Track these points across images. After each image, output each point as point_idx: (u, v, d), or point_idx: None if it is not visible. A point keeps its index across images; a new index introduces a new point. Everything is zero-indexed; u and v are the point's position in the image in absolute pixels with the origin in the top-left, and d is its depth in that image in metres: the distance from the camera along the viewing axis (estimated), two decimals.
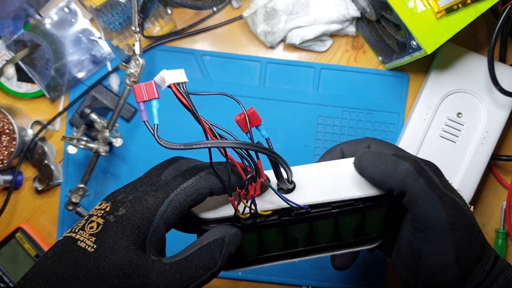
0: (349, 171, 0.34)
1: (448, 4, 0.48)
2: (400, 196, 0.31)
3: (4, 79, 0.60)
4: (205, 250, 0.30)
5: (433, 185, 0.30)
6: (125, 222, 0.28)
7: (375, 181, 0.31)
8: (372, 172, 0.31)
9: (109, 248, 0.28)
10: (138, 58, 0.52)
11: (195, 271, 0.29)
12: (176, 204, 0.29)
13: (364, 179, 0.32)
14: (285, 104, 0.61)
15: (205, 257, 0.30)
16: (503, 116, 0.57)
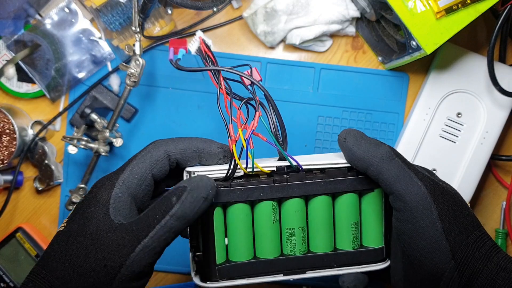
0: (339, 155, 0.35)
1: (448, 4, 0.48)
2: (376, 177, 0.32)
3: (5, 79, 0.60)
4: (161, 199, 0.30)
5: (409, 164, 0.32)
6: (89, 196, 0.32)
7: (355, 156, 0.32)
8: (354, 147, 0.32)
9: (74, 220, 0.31)
10: (139, 58, 0.52)
11: (152, 218, 0.29)
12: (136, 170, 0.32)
13: (345, 154, 0.33)
14: (285, 104, 0.62)
15: (160, 204, 0.30)
16: (503, 116, 0.58)
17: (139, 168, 0.32)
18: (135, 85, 0.54)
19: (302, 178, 0.33)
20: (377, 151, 0.32)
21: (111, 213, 0.30)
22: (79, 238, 0.30)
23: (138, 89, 0.61)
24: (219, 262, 0.34)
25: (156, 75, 0.61)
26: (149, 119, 0.61)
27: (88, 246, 0.29)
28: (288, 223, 0.34)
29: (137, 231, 0.29)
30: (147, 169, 0.32)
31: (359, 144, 0.32)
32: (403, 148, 0.58)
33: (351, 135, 0.33)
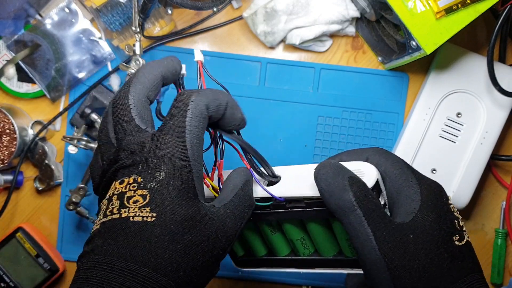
0: None
1: (448, 5, 0.48)
2: None
3: (5, 79, 0.60)
4: (244, 191, 0.31)
5: (372, 217, 0.29)
6: (172, 182, 0.28)
7: (323, 197, 0.30)
8: (322, 187, 0.30)
9: (170, 211, 0.27)
10: (139, 58, 0.52)
11: (242, 211, 0.31)
12: (195, 140, 0.29)
13: None
14: (285, 104, 0.62)
15: (245, 197, 0.31)
16: (503, 116, 0.58)
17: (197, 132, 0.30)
18: None
19: (283, 208, 0.35)
20: (339, 198, 0.29)
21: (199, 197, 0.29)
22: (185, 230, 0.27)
23: None
24: (239, 255, 0.40)
25: None
26: None
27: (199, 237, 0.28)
28: (287, 235, 0.37)
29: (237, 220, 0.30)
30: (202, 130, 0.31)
31: (328, 185, 0.30)
32: (403, 148, 0.58)
33: (322, 173, 0.30)
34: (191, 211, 0.28)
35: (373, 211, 0.29)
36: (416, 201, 0.30)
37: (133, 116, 0.29)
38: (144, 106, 0.30)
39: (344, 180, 0.29)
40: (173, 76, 0.33)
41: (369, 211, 0.29)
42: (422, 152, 0.58)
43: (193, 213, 0.28)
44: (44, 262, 0.59)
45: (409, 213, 0.30)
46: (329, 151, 0.62)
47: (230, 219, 0.29)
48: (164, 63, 0.32)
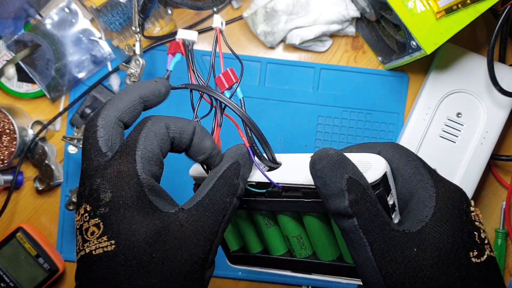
0: None
1: (448, 5, 0.48)
2: None
3: (5, 79, 0.60)
4: (223, 181, 0.28)
5: (369, 226, 0.25)
6: (121, 201, 0.25)
7: (319, 194, 0.27)
8: (317, 185, 0.27)
9: (128, 233, 0.25)
10: (139, 58, 0.52)
11: (222, 202, 0.28)
12: (148, 153, 0.27)
13: None
14: (285, 104, 0.62)
15: (225, 186, 0.28)
16: (503, 116, 0.58)
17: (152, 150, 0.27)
18: None
19: (279, 196, 0.32)
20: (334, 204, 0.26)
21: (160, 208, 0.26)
22: (152, 248, 0.25)
23: None
24: (233, 249, 0.38)
25: (156, 75, 0.61)
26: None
27: (169, 251, 0.25)
28: (283, 230, 0.35)
29: (215, 217, 0.27)
30: (158, 149, 0.28)
31: (323, 185, 0.26)
32: None
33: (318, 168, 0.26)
34: (152, 225, 0.25)
35: (371, 219, 0.25)
36: (430, 207, 0.26)
37: (98, 138, 0.28)
38: (113, 129, 0.28)
39: (342, 182, 0.26)
40: (156, 98, 0.31)
41: (366, 219, 0.25)
42: (422, 152, 0.58)
43: (156, 227, 0.25)
44: (44, 262, 0.59)
45: (419, 220, 0.26)
46: None
47: (206, 217, 0.27)
48: (145, 85, 0.31)
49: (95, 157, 0.27)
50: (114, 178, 0.26)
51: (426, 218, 0.26)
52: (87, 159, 0.28)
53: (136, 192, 0.26)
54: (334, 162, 0.26)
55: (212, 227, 0.27)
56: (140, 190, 0.26)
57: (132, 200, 0.26)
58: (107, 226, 0.25)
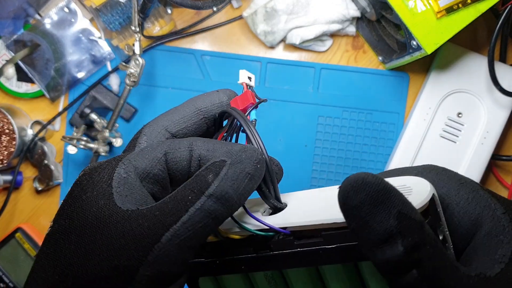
0: None
1: (448, 4, 0.48)
2: None
3: (4, 79, 0.60)
4: (193, 178, 0.22)
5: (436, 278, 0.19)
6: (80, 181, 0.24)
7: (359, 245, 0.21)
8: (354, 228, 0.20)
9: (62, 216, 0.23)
10: (138, 58, 0.52)
11: (182, 199, 0.21)
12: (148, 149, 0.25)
13: None
14: (285, 104, 0.61)
15: (192, 183, 0.22)
16: (503, 116, 0.57)
17: (153, 148, 0.24)
18: (134, 85, 0.53)
19: (291, 246, 0.23)
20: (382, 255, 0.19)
21: (116, 199, 0.22)
22: (72, 236, 0.22)
23: (138, 89, 0.61)
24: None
25: (155, 75, 0.61)
26: (149, 119, 0.61)
27: (88, 244, 0.21)
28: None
29: (162, 216, 0.21)
30: (161, 150, 0.24)
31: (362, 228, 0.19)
32: (403, 148, 0.58)
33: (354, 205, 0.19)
34: (86, 212, 0.22)
35: (437, 268, 0.19)
36: (507, 242, 0.20)
37: (137, 143, 0.26)
38: (155, 137, 0.27)
39: (390, 221, 0.18)
40: (218, 109, 0.28)
41: (430, 270, 0.19)
42: (423, 152, 0.58)
43: (89, 215, 0.22)
44: None
45: (495, 260, 0.20)
46: (329, 151, 0.61)
47: (150, 216, 0.21)
48: (204, 96, 0.28)
49: None
50: (99, 162, 0.25)
51: (505, 258, 0.20)
52: None
53: (102, 174, 0.23)
54: (377, 193, 0.19)
55: (153, 228, 0.21)
56: (108, 173, 0.23)
57: (93, 181, 0.23)
58: (61, 206, 0.24)
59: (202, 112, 0.27)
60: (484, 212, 0.21)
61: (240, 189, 0.22)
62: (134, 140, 0.27)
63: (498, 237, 0.21)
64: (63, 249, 0.22)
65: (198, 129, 0.28)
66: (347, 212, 0.19)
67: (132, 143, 0.27)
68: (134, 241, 0.20)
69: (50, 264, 0.22)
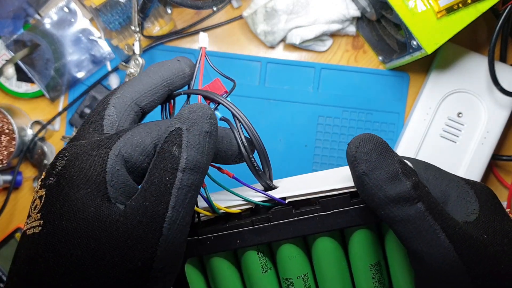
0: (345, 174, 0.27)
1: (449, 4, 0.48)
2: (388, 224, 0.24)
3: (4, 79, 0.60)
4: (159, 155, 0.22)
5: (437, 210, 0.22)
6: (68, 172, 0.21)
7: (363, 187, 0.23)
8: (364, 172, 0.22)
9: (57, 215, 0.21)
10: (138, 58, 0.52)
11: (160, 182, 0.21)
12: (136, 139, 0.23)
13: (352, 175, 0.23)
14: (285, 104, 0.61)
15: (161, 162, 0.22)
16: (504, 116, 0.57)
17: (142, 139, 0.23)
18: None
19: (289, 215, 0.25)
20: (392, 189, 0.22)
21: (110, 195, 0.22)
22: (75, 240, 0.20)
23: None
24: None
25: None
26: (148, 119, 0.61)
27: (96, 250, 0.20)
28: (283, 272, 0.27)
29: (152, 206, 0.21)
30: (151, 142, 0.23)
31: (372, 170, 0.22)
32: (403, 148, 0.58)
33: (364, 152, 0.22)
34: (84, 213, 0.21)
35: (435, 205, 0.22)
36: (473, 201, 0.24)
37: (105, 116, 0.25)
38: (125, 111, 0.25)
39: (395, 164, 0.22)
40: (181, 80, 0.28)
41: (432, 204, 0.22)
42: (423, 152, 0.58)
43: (88, 215, 0.20)
44: None
45: (468, 214, 0.24)
46: (330, 151, 0.61)
47: (144, 208, 0.21)
48: (167, 65, 0.27)
49: (90, 132, 0.24)
50: (82, 146, 0.22)
51: (476, 211, 0.24)
52: (81, 130, 0.24)
53: (94, 167, 0.22)
54: (381, 144, 0.23)
55: (152, 222, 0.21)
56: (99, 166, 0.22)
57: (82, 175, 0.21)
58: (46, 200, 0.21)
59: (167, 84, 0.27)
60: (450, 184, 0.25)
61: (206, 150, 0.22)
62: (100, 110, 0.25)
63: (465, 199, 0.25)
64: (67, 254, 0.20)
65: (161, 101, 0.28)
66: (359, 157, 0.22)
67: (98, 112, 0.25)
68: (140, 240, 0.20)
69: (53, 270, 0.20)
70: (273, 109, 0.61)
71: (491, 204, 0.25)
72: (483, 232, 0.23)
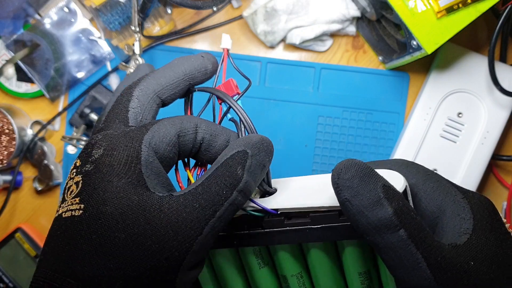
0: None
1: (449, 4, 0.48)
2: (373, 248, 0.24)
3: (4, 79, 0.60)
4: (223, 169, 0.24)
5: (420, 239, 0.22)
6: (107, 161, 0.23)
7: (348, 212, 0.23)
8: (347, 198, 0.22)
9: (99, 200, 0.22)
10: (138, 58, 0.52)
11: (217, 193, 0.23)
12: (164, 132, 0.24)
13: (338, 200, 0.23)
14: (285, 104, 0.61)
15: (224, 176, 0.23)
16: (504, 116, 0.57)
17: (167, 130, 0.25)
18: None
19: (281, 225, 0.26)
20: (373, 216, 0.22)
21: (149, 185, 0.23)
22: (119, 225, 0.21)
23: None
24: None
25: None
26: None
27: (139, 236, 0.21)
28: (279, 269, 0.29)
29: (202, 210, 0.22)
30: (175, 133, 0.25)
31: (354, 196, 0.22)
32: (403, 148, 0.58)
33: (346, 178, 0.22)
34: (127, 200, 0.22)
35: (419, 231, 0.22)
36: (467, 219, 0.24)
37: (129, 108, 0.26)
38: (149, 103, 0.26)
39: (378, 189, 0.22)
40: (202, 76, 0.29)
41: (414, 231, 0.22)
42: (423, 152, 0.58)
43: (131, 203, 0.22)
44: None
45: (460, 233, 0.23)
46: (330, 151, 0.61)
47: (193, 208, 0.22)
48: (191, 60, 0.28)
49: (117, 123, 0.25)
50: (115, 137, 0.24)
51: (468, 230, 0.23)
52: (107, 121, 0.25)
53: (130, 158, 0.23)
54: (364, 170, 0.22)
55: (197, 221, 0.22)
56: (135, 158, 0.23)
57: (121, 165, 0.23)
58: (85, 186, 0.22)
59: (189, 78, 0.28)
60: (447, 198, 0.25)
61: (257, 180, 0.25)
62: (125, 102, 0.26)
63: (460, 216, 0.24)
64: (111, 237, 0.21)
65: (182, 95, 0.29)
66: (341, 184, 0.22)
67: (123, 104, 0.26)
68: (182, 232, 0.22)
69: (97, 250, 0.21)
70: (273, 109, 0.61)
71: (487, 221, 0.24)
72: (470, 258, 0.22)
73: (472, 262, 0.22)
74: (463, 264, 0.22)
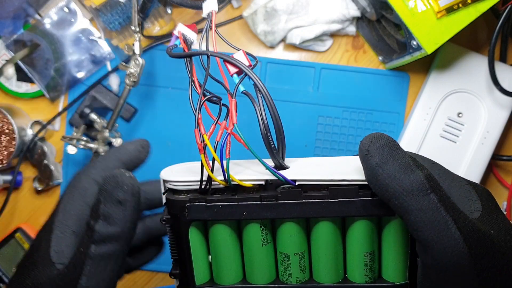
0: (355, 165, 0.28)
1: (449, 4, 0.48)
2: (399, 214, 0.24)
3: (4, 79, 0.60)
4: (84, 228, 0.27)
5: (448, 203, 0.23)
6: None
7: (376, 179, 0.23)
8: (378, 164, 0.23)
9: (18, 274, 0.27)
10: (138, 58, 0.52)
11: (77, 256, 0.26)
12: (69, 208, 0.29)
13: (364, 170, 0.25)
14: (285, 104, 0.61)
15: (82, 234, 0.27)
16: (504, 116, 0.57)
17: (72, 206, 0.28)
18: (134, 84, 0.53)
19: (297, 197, 0.26)
20: (406, 179, 0.23)
21: (52, 257, 0.26)
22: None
23: (138, 88, 0.61)
24: (200, 282, 0.29)
25: (155, 74, 0.61)
26: (149, 119, 0.61)
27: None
28: (282, 247, 0.28)
29: (70, 274, 0.25)
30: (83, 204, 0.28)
31: (385, 162, 0.23)
32: (403, 148, 0.58)
33: (377, 147, 0.24)
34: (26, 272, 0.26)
35: (447, 197, 0.23)
36: (475, 200, 0.25)
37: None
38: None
39: (407, 158, 0.24)
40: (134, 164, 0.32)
41: (443, 197, 0.23)
42: (423, 152, 0.58)
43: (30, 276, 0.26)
44: None
45: (472, 211, 0.25)
46: (330, 151, 0.61)
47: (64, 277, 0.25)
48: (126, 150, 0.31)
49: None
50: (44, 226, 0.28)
51: (478, 209, 0.25)
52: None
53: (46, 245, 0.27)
54: (392, 141, 0.24)
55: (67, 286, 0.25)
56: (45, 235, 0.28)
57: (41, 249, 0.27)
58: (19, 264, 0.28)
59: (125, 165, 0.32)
60: (453, 183, 0.26)
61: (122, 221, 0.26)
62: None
63: (467, 197, 0.25)
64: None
65: None
66: (372, 151, 0.24)
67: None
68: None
69: None
70: None
71: (492, 203, 0.25)
72: (489, 227, 0.23)
73: (491, 230, 0.23)
74: (486, 231, 0.23)
